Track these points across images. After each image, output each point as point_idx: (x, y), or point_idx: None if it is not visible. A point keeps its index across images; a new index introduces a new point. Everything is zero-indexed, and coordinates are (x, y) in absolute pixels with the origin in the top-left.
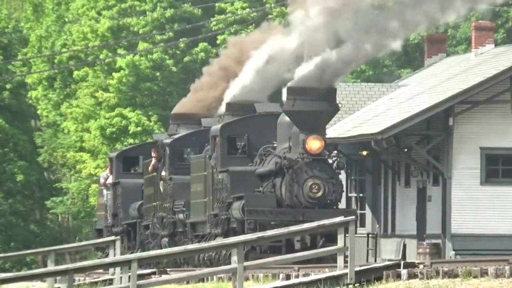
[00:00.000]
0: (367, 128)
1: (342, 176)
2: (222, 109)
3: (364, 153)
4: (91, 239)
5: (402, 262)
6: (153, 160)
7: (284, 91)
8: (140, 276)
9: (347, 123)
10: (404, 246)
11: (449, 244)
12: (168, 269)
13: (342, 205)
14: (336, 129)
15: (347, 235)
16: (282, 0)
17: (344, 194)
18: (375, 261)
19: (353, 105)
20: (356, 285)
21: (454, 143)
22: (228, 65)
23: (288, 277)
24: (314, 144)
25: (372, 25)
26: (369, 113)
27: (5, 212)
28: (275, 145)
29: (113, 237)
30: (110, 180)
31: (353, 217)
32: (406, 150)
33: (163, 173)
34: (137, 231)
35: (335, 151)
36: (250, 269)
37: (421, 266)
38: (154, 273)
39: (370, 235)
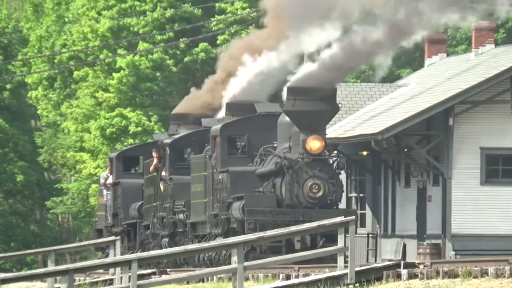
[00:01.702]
0: (367, 128)
1: (342, 176)
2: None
3: (364, 153)
4: (91, 239)
5: (402, 262)
6: (155, 160)
7: (285, 91)
8: (140, 276)
9: (347, 123)
10: (404, 246)
11: (449, 244)
12: (168, 269)
13: (342, 205)
14: (336, 129)
15: (347, 235)
16: None
17: (344, 194)
18: (375, 261)
19: (353, 105)
20: (356, 285)
21: (454, 143)
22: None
23: (288, 277)
24: (314, 144)
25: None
26: (369, 113)
27: (5, 212)
28: (275, 145)
29: (113, 237)
30: (110, 180)
31: (353, 217)
32: (406, 150)
33: (163, 173)
34: (137, 231)
35: (335, 151)
36: (250, 269)
37: (421, 266)
38: (154, 273)
39: (370, 235)
